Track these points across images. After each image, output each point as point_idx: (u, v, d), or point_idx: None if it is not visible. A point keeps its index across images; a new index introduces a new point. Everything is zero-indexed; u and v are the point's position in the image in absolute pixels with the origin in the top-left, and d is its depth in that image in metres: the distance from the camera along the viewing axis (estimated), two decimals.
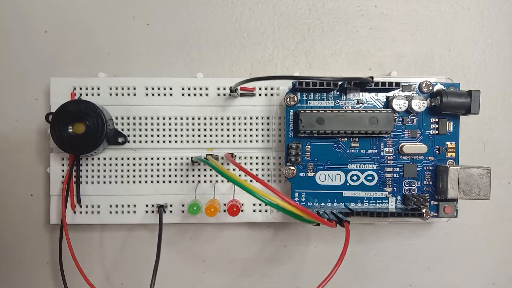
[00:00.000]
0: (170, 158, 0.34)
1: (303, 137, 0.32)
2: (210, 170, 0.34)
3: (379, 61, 0.36)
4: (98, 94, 0.34)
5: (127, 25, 0.36)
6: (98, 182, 0.34)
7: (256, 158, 0.34)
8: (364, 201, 0.33)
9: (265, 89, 0.34)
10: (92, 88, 0.34)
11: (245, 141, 0.34)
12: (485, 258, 0.37)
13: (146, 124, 0.34)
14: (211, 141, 0.34)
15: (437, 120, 0.32)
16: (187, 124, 0.34)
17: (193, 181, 0.34)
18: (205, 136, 0.34)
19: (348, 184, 0.33)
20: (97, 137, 0.32)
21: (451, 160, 0.33)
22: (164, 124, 0.34)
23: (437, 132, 0.33)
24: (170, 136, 0.34)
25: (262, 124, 0.34)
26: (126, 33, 0.36)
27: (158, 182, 0.34)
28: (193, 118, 0.34)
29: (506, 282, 0.37)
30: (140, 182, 0.34)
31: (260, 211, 0.34)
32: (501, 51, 0.37)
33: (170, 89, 0.34)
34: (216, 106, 0.34)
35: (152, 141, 0.34)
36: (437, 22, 0.36)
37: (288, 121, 0.32)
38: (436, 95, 0.32)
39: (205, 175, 0.34)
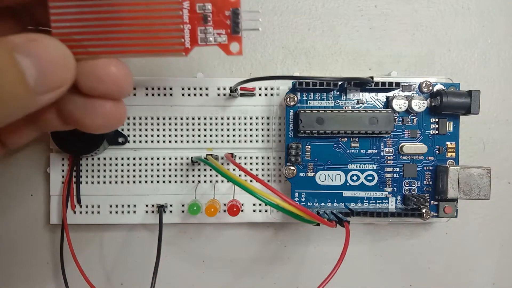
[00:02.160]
0: (170, 158, 0.34)
1: (303, 137, 0.32)
2: (210, 170, 0.34)
3: (379, 61, 0.36)
4: None
5: None
6: (98, 182, 0.34)
7: (256, 158, 0.34)
8: (364, 201, 0.33)
9: (265, 89, 0.34)
10: None
11: (245, 141, 0.34)
12: (485, 258, 0.37)
13: (146, 124, 0.34)
14: (211, 141, 0.34)
15: (437, 120, 0.32)
16: (187, 124, 0.34)
17: (193, 181, 0.34)
18: (205, 136, 0.34)
19: (348, 184, 0.33)
20: (97, 137, 0.32)
21: (451, 160, 0.33)
22: (164, 124, 0.34)
23: (437, 132, 0.33)
24: (170, 136, 0.34)
25: (262, 124, 0.34)
26: None
27: (158, 182, 0.34)
28: (193, 118, 0.34)
29: (506, 282, 0.37)
30: (140, 182, 0.34)
31: (260, 211, 0.34)
32: (501, 51, 0.37)
33: (170, 89, 0.34)
34: (216, 106, 0.34)
35: (152, 141, 0.34)
36: (437, 22, 0.36)
37: (288, 121, 0.32)
38: (436, 95, 0.32)
39: (205, 175, 0.34)
